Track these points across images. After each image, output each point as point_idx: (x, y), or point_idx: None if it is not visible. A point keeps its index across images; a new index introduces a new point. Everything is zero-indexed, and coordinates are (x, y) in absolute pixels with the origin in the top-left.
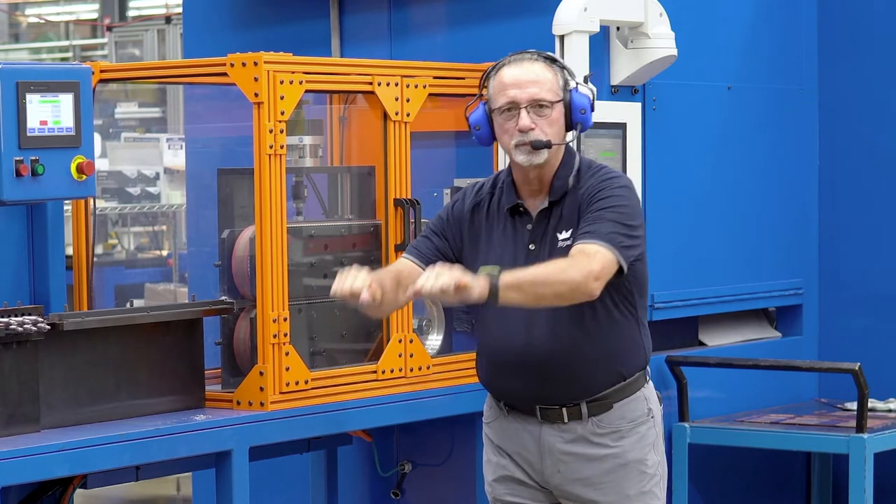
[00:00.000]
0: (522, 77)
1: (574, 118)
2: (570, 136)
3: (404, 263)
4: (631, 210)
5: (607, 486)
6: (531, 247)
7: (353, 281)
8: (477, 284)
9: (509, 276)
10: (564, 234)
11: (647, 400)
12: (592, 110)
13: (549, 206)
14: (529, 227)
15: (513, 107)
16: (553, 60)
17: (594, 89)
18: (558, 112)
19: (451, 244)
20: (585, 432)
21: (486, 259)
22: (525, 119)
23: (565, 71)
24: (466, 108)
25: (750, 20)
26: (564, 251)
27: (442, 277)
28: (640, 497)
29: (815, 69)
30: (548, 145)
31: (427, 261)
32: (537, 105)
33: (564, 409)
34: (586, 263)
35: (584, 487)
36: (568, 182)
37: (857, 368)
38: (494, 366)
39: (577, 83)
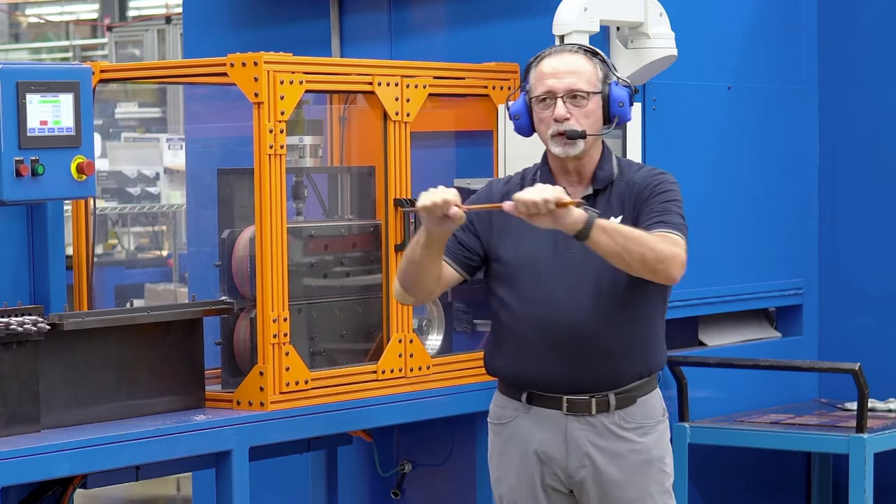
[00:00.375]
0: (561, 67)
1: (612, 111)
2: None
3: None
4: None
5: (632, 482)
6: None
7: (444, 193)
8: (576, 211)
9: (606, 221)
10: (613, 220)
11: (661, 399)
12: (631, 104)
13: (594, 193)
14: None
15: (549, 96)
16: (594, 53)
17: (632, 85)
18: (595, 103)
19: (480, 236)
20: (612, 426)
21: (519, 244)
22: (560, 108)
23: (606, 64)
24: (508, 98)
25: (750, 20)
26: None
27: (546, 192)
28: (662, 495)
29: (815, 69)
30: (582, 135)
31: (454, 256)
32: (573, 95)
33: (593, 400)
34: (675, 247)
35: (608, 483)
36: (612, 173)
37: (857, 368)
38: (524, 350)
39: (617, 77)
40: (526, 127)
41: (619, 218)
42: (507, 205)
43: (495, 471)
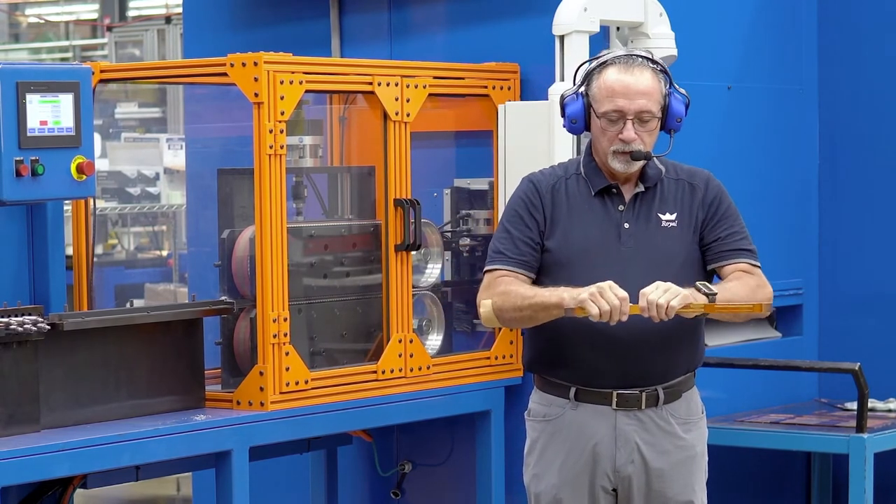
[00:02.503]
0: (633, 87)
1: (669, 125)
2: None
3: (518, 282)
4: None
5: (677, 477)
6: (626, 225)
7: (620, 296)
8: (699, 306)
9: (721, 298)
10: (669, 216)
11: (699, 396)
12: (685, 116)
13: (645, 189)
14: (621, 207)
15: (619, 116)
16: (654, 62)
17: (687, 94)
18: (657, 121)
19: (539, 227)
20: (660, 420)
21: (568, 236)
22: (630, 131)
23: (667, 75)
24: (563, 98)
25: (750, 20)
26: (670, 231)
27: (676, 297)
28: (702, 490)
29: (815, 69)
30: (647, 157)
31: (531, 268)
32: (643, 115)
33: (643, 394)
34: (767, 286)
35: (656, 478)
36: (660, 170)
37: (857, 368)
38: (575, 345)
39: (674, 87)
40: (580, 130)
41: (675, 215)
42: (641, 306)
43: (533, 468)
